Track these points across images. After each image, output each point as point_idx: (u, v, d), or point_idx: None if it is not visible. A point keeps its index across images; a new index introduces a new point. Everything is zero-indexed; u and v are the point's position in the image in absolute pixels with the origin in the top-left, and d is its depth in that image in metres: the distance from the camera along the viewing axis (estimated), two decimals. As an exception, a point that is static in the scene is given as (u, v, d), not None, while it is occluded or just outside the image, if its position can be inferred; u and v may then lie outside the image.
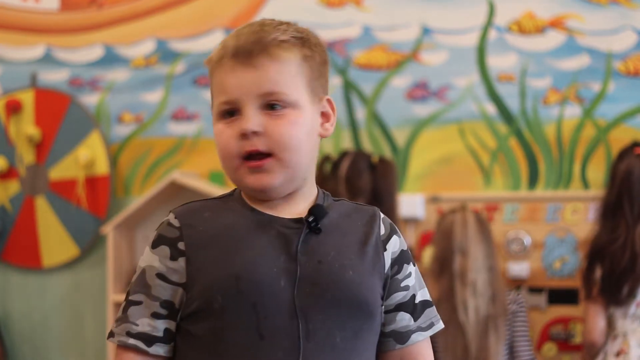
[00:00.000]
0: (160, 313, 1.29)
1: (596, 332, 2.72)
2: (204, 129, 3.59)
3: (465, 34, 3.40)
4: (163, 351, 1.30)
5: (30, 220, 3.70)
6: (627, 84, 3.28)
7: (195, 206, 1.34)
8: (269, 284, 1.24)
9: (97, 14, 3.73)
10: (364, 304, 1.28)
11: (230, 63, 1.29)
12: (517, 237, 3.26)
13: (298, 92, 1.29)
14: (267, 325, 1.23)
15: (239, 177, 1.30)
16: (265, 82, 1.28)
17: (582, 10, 3.31)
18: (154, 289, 1.29)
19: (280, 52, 1.29)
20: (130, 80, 3.67)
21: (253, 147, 1.27)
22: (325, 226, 1.30)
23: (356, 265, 1.29)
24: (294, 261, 1.26)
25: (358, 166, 2.98)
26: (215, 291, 1.25)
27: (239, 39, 1.31)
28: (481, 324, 2.75)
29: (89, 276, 3.65)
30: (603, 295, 2.71)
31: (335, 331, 1.25)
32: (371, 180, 2.96)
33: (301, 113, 1.29)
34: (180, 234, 1.29)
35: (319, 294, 1.25)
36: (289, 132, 1.28)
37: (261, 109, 1.28)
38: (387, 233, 1.36)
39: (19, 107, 3.68)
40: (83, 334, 3.66)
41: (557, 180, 3.32)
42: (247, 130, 1.26)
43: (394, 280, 1.34)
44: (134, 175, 3.66)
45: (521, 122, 3.35)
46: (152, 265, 1.31)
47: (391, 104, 3.43)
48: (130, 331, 1.29)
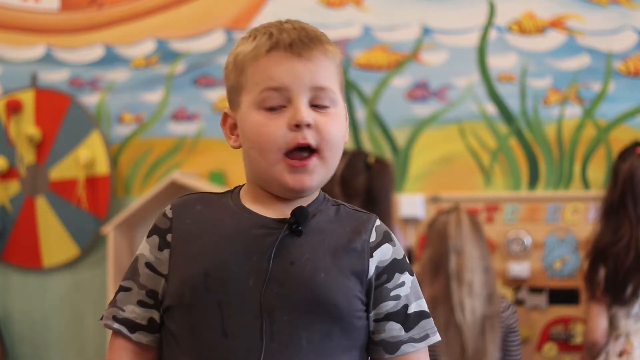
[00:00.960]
0: (145, 302, 1.31)
1: (598, 332, 2.71)
2: (204, 129, 3.59)
3: (466, 34, 3.40)
4: (146, 340, 1.32)
5: (31, 220, 3.70)
6: (627, 84, 3.28)
7: (191, 198, 1.35)
8: (236, 283, 1.25)
9: (97, 14, 3.73)
10: (332, 307, 1.25)
11: (285, 54, 1.26)
12: (518, 237, 3.26)
13: (339, 93, 1.30)
14: (230, 324, 1.24)
15: (276, 174, 1.27)
16: (320, 76, 1.27)
17: (582, 10, 3.31)
18: (142, 277, 1.32)
19: (332, 49, 1.29)
20: (130, 80, 3.68)
21: (305, 140, 1.25)
22: (308, 229, 1.28)
23: (329, 269, 1.26)
24: (267, 261, 1.25)
25: (354, 166, 2.94)
26: (186, 287, 1.26)
27: (290, 33, 1.27)
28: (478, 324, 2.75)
29: (89, 276, 3.66)
30: (606, 295, 2.70)
31: (302, 332, 1.24)
32: (366, 180, 2.93)
33: (341, 115, 1.30)
34: (170, 226, 1.31)
35: (285, 294, 1.24)
36: (336, 131, 1.28)
37: (309, 103, 1.27)
38: (378, 241, 1.32)
39: (19, 107, 3.68)
40: (83, 334, 3.66)
41: (558, 180, 3.32)
42: (303, 121, 1.24)
43: (382, 289, 1.30)
44: (134, 175, 3.66)
45: (521, 122, 3.35)
46: (143, 254, 1.33)
47: (391, 104, 3.43)
48: (117, 316, 1.32)
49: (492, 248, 3.28)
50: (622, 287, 2.68)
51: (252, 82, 1.27)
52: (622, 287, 2.68)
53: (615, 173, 2.79)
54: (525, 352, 3.25)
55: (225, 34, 3.59)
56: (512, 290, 3.27)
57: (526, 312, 3.26)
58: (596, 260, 2.73)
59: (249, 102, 1.28)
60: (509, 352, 2.91)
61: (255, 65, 1.27)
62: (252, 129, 1.27)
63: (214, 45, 3.60)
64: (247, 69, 1.28)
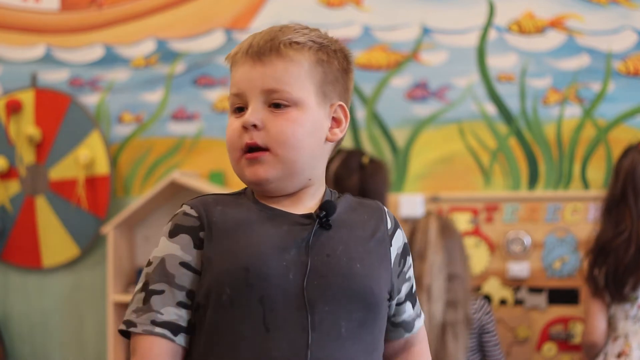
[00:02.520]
0: (185, 302, 1.29)
1: (598, 333, 2.71)
2: (204, 129, 3.59)
3: (465, 34, 3.40)
4: (185, 342, 1.30)
5: (30, 220, 3.70)
6: (627, 84, 3.28)
7: (208, 199, 1.36)
8: (277, 277, 1.27)
9: (97, 14, 3.73)
10: (369, 295, 1.32)
11: (243, 59, 1.34)
12: (517, 237, 3.26)
13: (303, 92, 1.33)
14: (272, 318, 1.26)
15: (240, 169, 1.35)
16: (269, 79, 1.32)
17: (582, 10, 3.31)
18: (178, 277, 1.29)
19: (291, 52, 1.33)
20: (130, 80, 3.68)
21: (251, 140, 1.31)
22: (333, 221, 1.34)
23: (364, 258, 1.33)
24: (305, 255, 1.29)
25: (348, 165, 2.92)
26: (225, 283, 1.27)
27: (255, 37, 1.35)
28: (436, 329, 2.73)
29: (89, 276, 3.66)
30: (607, 290, 2.70)
31: (341, 322, 1.28)
32: (360, 180, 2.90)
33: (304, 113, 1.33)
34: (201, 224, 1.31)
35: (326, 285, 1.28)
36: (286, 130, 1.31)
37: (266, 105, 1.32)
38: (393, 228, 1.41)
39: (19, 107, 3.68)
40: (83, 334, 3.66)
41: (557, 180, 3.32)
42: (247, 123, 1.31)
43: (401, 274, 1.41)
44: (134, 175, 3.66)
45: (521, 122, 3.35)
46: (173, 254, 1.30)
47: (391, 104, 3.43)
48: (156, 320, 1.28)
49: (492, 248, 3.29)
50: (622, 282, 2.67)
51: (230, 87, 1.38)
52: (622, 283, 2.68)
53: (617, 169, 2.79)
54: (525, 352, 3.26)
55: (225, 34, 3.59)
56: (512, 290, 3.27)
57: (526, 312, 3.26)
58: (597, 256, 2.72)
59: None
60: (487, 352, 2.91)
61: (231, 71, 1.38)
62: (226, 130, 1.36)
63: (214, 45, 3.60)
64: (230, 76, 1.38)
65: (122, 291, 3.43)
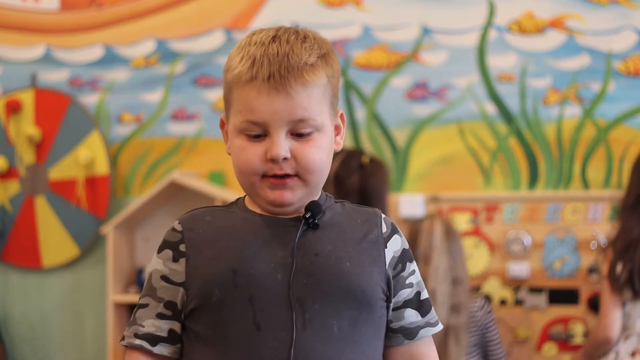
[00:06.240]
0: (164, 313, 1.34)
1: (614, 329, 2.68)
2: (204, 129, 3.59)
3: (465, 34, 3.40)
4: (167, 352, 1.34)
5: (30, 220, 3.70)
6: (627, 84, 3.28)
7: (198, 212, 1.39)
8: (264, 278, 1.29)
9: (97, 14, 3.73)
10: (359, 293, 1.31)
11: (264, 86, 1.29)
12: (517, 237, 3.26)
13: (323, 115, 1.33)
14: (263, 317, 1.27)
15: (256, 191, 1.33)
16: (298, 110, 1.30)
17: (582, 10, 3.31)
18: (158, 290, 1.35)
19: (312, 77, 1.31)
20: (130, 80, 3.67)
21: (282, 171, 1.31)
22: (324, 223, 1.35)
23: (353, 258, 1.33)
24: (291, 256, 1.30)
25: (348, 165, 2.91)
26: (213, 285, 1.29)
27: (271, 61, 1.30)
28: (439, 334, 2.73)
29: (89, 276, 3.66)
30: (629, 287, 2.68)
31: (332, 320, 1.29)
32: (360, 180, 2.90)
33: (324, 135, 1.34)
34: (182, 237, 1.35)
35: (314, 284, 1.29)
36: (314, 157, 1.32)
37: (289, 133, 1.31)
38: (389, 232, 1.39)
39: (18, 107, 3.68)
40: (83, 334, 3.66)
41: (557, 180, 3.32)
42: (278, 157, 1.29)
43: (399, 278, 1.38)
44: (133, 175, 3.66)
45: (521, 122, 3.35)
46: (157, 269, 1.36)
47: (391, 104, 3.43)
48: (137, 332, 1.34)
49: (492, 248, 3.28)
50: None
51: (236, 107, 1.32)
52: None
53: (636, 168, 2.77)
54: (525, 352, 3.26)
55: (225, 34, 3.59)
56: (512, 290, 3.27)
57: (526, 312, 3.26)
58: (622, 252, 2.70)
59: (234, 124, 1.33)
60: (490, 351, 2.91)
61: (240, 92, 1.32)
62: (234, 151, 1.34)
63: (214, 45, 3.60)
64: (233, 90, 1.33)
65: (121, 291, 3.43)
